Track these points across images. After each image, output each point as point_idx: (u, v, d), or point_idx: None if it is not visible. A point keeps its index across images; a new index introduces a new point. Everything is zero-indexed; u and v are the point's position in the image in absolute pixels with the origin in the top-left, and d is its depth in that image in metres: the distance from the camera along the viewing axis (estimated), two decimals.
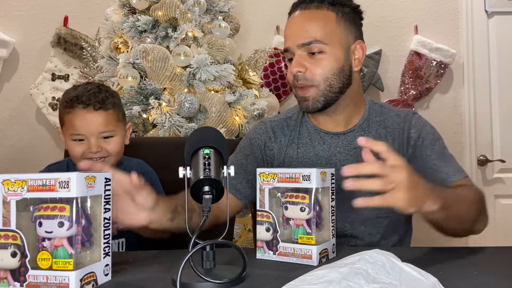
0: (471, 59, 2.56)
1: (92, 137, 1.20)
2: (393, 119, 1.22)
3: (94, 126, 1.20)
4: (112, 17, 2.04)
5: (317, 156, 1.20)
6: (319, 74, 1.12)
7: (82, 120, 1.19)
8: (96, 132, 1.20)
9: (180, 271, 0.69)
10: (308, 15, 1.14)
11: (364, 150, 0.83)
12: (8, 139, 2.48)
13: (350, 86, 1.17)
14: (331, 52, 1.12)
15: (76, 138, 1.20)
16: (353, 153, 1.18)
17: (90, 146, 1.20)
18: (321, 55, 1.12)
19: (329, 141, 1.20)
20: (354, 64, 1.17)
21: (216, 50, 2.01)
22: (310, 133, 1.23)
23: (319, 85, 1.13)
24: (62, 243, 0.72)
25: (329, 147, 1.20)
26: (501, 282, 0.78)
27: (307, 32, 1.12)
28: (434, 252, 1.03)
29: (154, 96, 1.89)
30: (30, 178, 0.73)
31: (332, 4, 1.15)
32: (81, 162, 1.10)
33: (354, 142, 1.18)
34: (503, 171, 2.54)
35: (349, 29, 1.16)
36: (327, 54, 1.12)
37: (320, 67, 1.12)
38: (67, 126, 1.21)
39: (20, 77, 2.49)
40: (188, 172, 0.83)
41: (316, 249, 0.89)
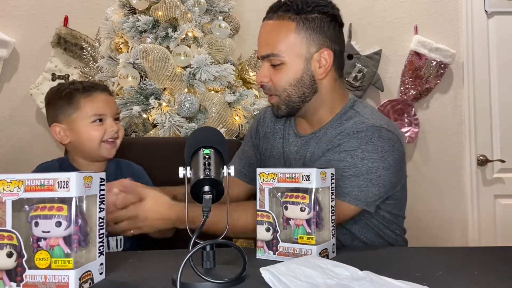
0: (471, 59, 2.56)
1: (110, 118, 1.28)
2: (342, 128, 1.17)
3: (113, 106, 1.30)
4: (112, 17, 2.04)
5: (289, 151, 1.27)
6: (278, 85, 1.17)
7: (103, 102, 1.27)
8: (114, 113, 1.30)
9: (180, 271, 0.69)
10: (269, 27, 1.17)
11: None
12: (8, 139, 2.48)
13: (316, 93, 1.18)
14: (289, 64, 1.15)
15: (96, 118, 1.25)
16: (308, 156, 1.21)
17: (111, 125, 1.27)
18: (281, 66, 1.15)
19: (295, 141, 1.26)
20: (318, 72, 1.16)
21: (216, 50, 2.01)
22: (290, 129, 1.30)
23: (280, 95, 1.18)
24: (58, 243, 0.72)
25: (294, 145, 1.26)
26: (501, 282, 0.78)
27: (266, 45, 1.16)
28: (434, 252, 1.03)
29: (154, 96, 1.89)
30: (27, 178, 0.73)
31: (296, 13, 1.14)
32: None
33: (307, 145, 1.22)
34: (503, 171, 2.54)
35: (311, 39, 1.14)
36: (286, 65, 1.15)
37: (279, 78, 1.16)
38: (87, 109, 1.25)
39: (20, 77, 2.49)
40: (188, 172, 0.83)
41: (316, 249, 0.89)
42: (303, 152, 1.23)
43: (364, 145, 1.10)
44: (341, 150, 1.12)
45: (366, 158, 1.10)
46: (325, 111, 1.22)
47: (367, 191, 1.10)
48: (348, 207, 1.10)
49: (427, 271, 0.84)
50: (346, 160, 1.10)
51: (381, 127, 1.13)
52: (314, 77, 1.17)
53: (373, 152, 1.10)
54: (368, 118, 1.16)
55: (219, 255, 0.83)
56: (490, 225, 2.52)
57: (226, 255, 0.92)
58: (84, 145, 1.26)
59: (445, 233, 2.54)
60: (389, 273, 0.76)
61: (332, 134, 1.17)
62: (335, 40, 1.18)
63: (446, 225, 2.55)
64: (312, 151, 1.21)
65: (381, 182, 1.11)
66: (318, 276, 0.72)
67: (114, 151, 1.29)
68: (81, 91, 1.26)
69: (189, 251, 0.71)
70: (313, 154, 1.20)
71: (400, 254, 1.01)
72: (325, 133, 1.20)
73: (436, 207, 2.51)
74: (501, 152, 2.54)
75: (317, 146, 1.20)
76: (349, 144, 1.12)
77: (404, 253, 1.02)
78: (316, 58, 1.16)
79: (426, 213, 2.47)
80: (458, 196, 2.55)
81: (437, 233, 2.52)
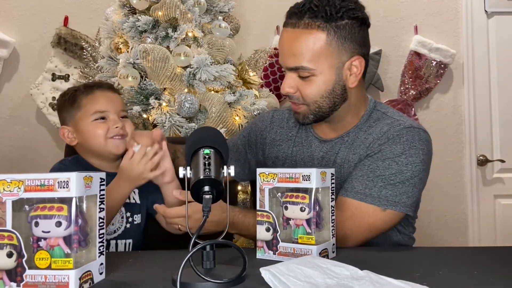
0: (471, 59, 2.56)
1: (115, 114, 1.24)
2: (376, 134, 1.15)
3: (117, 104, 1.27)
4: (112, 17, 2.04)
5: (310, 157, 1.23)
6: (308, 97, 1.11)
7: (105, 98, 1.25)
8: (118, 110, 1.26)
9: (180, 271, 0.69)
10: (296, 36, 1.08)
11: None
12: (8, 139, 2.48)
13: (345, 101, 1.15)
14: (320, 76, 1.09)
15: (99, 116, 1.23)
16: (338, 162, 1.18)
17: (115, 121, 1.23)
18: (310, 78, 1.09)
19: (317, 146, 1.23)
20: (350, 81, 1.12)
21: (216, 50, 2.01)
22: (308, 134, 1.25)
23: (309, 105, 1.13)
24: (58, 243, 0.72)
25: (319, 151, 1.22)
26: (501, 282, 0.78)
27: (294, 57, 1.08)
28: (434, 252, 1.03)
29: (154, 96, 1.89)
30: (27, 178, 0.73)
31: (325, 20, 1.06)
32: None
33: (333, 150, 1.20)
34: (503, 171, 2.54)
35: (342, 48, 1.09)
36: (316, 77, 1.09)
37: (309, 91, 1.11)
38: (88, 108, 1.23)
39: (20, 77, 2.49)
40: (188, 172, 0.83)
41: (316, 249, 0.89)
42: (330, 157, 1.20)
43: (407, 150, 1.10)
44: (384, 157, 1.10)
45: (410, 163, 1.10)
46: (351, 115, 1.19)
47: (413, 196, 1.10)
48: (398, 215, 1.10)
49: (427, 271, 0.84)
50: (392, 167, 1.09)
51: (418, 128, 1.14)
52: (345, 86, 1.12)
53: (416, 156, 1.10)
54: (399, 119, 1.16)
55: (219, 255, 0.83)
56: (490, 225, 2.52)
57: (226, 255, 0.92)
58: (91, 144, 1.23)
59: (445, 233, 2.54)
60: (389, 273, 0.76)
61: (369, 139, 1.15)
62: (363, 44, 1.14)
63: (446, 225, 2.55)
64: (344, 156, 1.17)
65: (422, 184, 1.14)
66: (318, 276, 0.72)
67: (122, 147, 1.23)
68: (82, 91, 1.26)
69: (189, 251, 0.71)
70: (346, 159, 1.17)
71: (400, 254, 1.01)
72: (356, 137, 1.17)
73: (436, 207, 2.51)
74: (501, 152, 2.54)
75: (350, 150, 1.17)
76: (392, 150, 1.10)
77: (404, 253, 1.02)
78: (347, 67, 1.11)
79: (426, 213, 2.47)
80: (458, 196, 2.55)
81: (437, 233, 2.52)
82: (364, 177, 1.10)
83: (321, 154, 1.21)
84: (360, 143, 1.16)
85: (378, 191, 1.08)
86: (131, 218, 1.25)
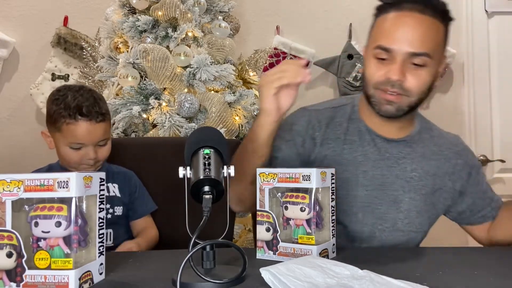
0: (471, 59, 2.56)
1: (90, 146, 1.27)
2: (444, 139, 1.24)
3: (95, 136, 1.27)
4: (112, 17, 2.04)
5: (365, 156, 1.16)
6: (416, 87, 1.07)
7: (85, 132, 1.24)
8: (96, 141, 1.27)
9: (180, 271, 0.69)
10: (425, 23, 1.06)
11: None
12: (8, 139, 2.47)
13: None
14: (432, 67, 1.07)
15: (75, 146, 1.26)
16: (402, 162, 1.16)
17: (88, 153, 1.26)
18: (422, 67, 1.06)
19: (380, 145, 1.17)
20: (438, 80, 1.14)
21: (216, 50, 2.01)
22: (361, 132, 1.18)
23: (412, 96, 1.08)
24: (58, 243, 0.72)
25: (379, 151, 1.16)
26: (501, 282, 0.78)
27: (421, 42, 1.05)
28: (434, 252, 1.03)
29: (154, 96, 1.89)
30: (27, 178, 0.73)
31: (443, 14, 1.09)
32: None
33: (403, 151, 1.17)
34: (503, 171, 2.54)
35: (446, 42, 1.12)
36: (428, 68, 1.06)
37: (419, 80, 1.07)
38: (66, 135, 1.25)
39: (20, 77, 2.49)
40: (188, 172, 0.83)
41: (316, 249, 0.89)
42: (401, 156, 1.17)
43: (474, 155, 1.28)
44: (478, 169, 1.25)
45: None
46: (413, 117, 1.20)
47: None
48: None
49: (427, 271, 0.84)
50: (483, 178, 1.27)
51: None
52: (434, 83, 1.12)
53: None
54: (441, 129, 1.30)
55: (219, 255, 0.83)
56: None
57: (226, 255, 0.92)
58: (63, 160, 1.31)
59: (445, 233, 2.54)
60: (389, 273, 0.76)
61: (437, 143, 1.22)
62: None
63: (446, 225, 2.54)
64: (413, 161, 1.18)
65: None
66: (318, 276, 0.72)
67: (92, 170, 1.30)
68: (65, 116, 1.23)
69: (189, 251, 0.71)
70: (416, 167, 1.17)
71: (400, 254, 1.01)
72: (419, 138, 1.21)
73: None
74: (501, 152, 2.54)
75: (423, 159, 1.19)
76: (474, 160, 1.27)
77: (404, 253, 1.02)
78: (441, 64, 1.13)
79: None
80: None
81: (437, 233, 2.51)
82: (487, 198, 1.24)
83: (387, 155, 1.17)
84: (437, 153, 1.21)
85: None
86: (112, 210, 1.32)
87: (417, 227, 1.16)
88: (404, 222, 1.15)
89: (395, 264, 0.91)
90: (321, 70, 2.61)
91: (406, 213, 1.15)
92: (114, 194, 1.36)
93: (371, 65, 1.09)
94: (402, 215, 1.15)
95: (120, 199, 1.37)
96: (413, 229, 1.16)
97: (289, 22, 2.61)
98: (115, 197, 1.36)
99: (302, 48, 2.56)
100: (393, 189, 1.14)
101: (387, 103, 1.09)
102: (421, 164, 1.17)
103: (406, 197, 1.15)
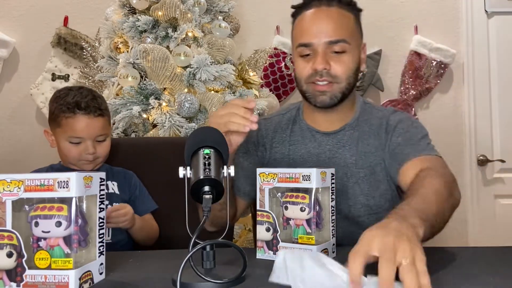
0: (471, 59, 2.56)
1: (90, 140, 1.30)
2: (376, 116, 1.25)
3: (94, 130, 1.30)
4: (112, 17, 2.04)
5: (309, 153, 1.23)
6: (342, 72, 1.15)
7: (83, 125, 1.28)
8: (94, 136, 1.31)
9: (180, 271, 0.69)
10: (334, 14, 1.16)
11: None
12: (8, 139, 2.48)
13: (354, 86, 1.21)
14: (352, 52, 1.16)
15: (74, 141, 1.29)
16: (341, 151, 1.22)
17: (87, 148, 1.30)
18: (343, 54, 1.15)
19: (320, 139, 1.24)
20: (362, 65, 1.22)
21: (216, 50, 2.01)
22: (303, 131, 1.26)
23: (341, 82, 1.16)
24: (58, 243, 0.72)
25: (319, 145, 1.23)
26: (501, 282, 0.78)
27: (336, 31, 1.14)
28: (434, 252, 1.03)
29: (154, 96, 1.89)
30: (27, 178, 0.73)
31: (348, 5, 1.19)
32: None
33: (342, 140, 1.22)
34: (503, 171, 2.54)
35: (360, 30, 1.21)
36: (348, 53, 1.15)
37: (343, 65, 1.15)
38: (66, 129, 1.29)
39: (20, 77, 2.49)
40: (188, 172, 0.83)
41: (316, 249, 0.89)
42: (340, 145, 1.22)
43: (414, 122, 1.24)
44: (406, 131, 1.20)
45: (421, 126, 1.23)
46: (350, 105, 1.25)
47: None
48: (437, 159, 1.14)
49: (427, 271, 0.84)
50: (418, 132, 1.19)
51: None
52: (359, 69, 1.21)
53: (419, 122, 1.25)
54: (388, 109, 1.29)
55: (219, 255, 0.83)
56: (490, 225, 2.52)
57: (226, 255, 0.92)
58: (64, 156, 1.34)
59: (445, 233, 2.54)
60: None
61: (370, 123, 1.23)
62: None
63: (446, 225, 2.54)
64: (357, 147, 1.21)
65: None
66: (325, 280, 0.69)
67: (92, 167, 1.34)
68: (64, 110, 1.28)
69: (189, 251, 0.71)
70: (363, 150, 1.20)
71: None
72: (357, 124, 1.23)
73: None
74: (501, 152, 2.54)
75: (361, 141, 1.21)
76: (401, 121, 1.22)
77: None
78: (362, 50, 1.22)
79: None
80: None
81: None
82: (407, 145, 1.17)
83: (328, 147, 1.23)
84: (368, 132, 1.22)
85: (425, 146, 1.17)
86: (110, 206, 1.32)
87: (372, 209, 1.19)
88: (357, 208, 1.19)
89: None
90: None
91: (353, 199, 1.19)
92: (113, 191, 1.38)
93: (298, 64, 1.19)
94: (351, 201, 1.19)
95: (119, 196, 1.38)
96: (369, 211, 1.19)
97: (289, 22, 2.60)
98: (114, 194, 1.38)
99: None
100: (338, 178, 1.16)
101: (321, 93, 1.17)
102: (357, 148, 1.21)
103: (350, 183, 1.19)
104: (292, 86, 2.55)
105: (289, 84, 2.54)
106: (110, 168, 1.41)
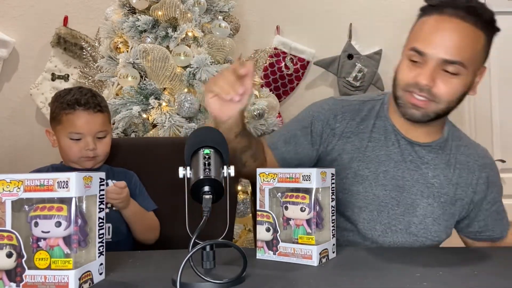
0: None
1: (89, 136, 1.30)
2: (472, 150, 1.19)
3: (94, 126, 1.31)
4: (112, 17, 2.04)
5: (388, 156, 1.14)
6: (446, 94, 1.04)
7: (83, 121, 1.29)
8: (95, 132, 1.31)
9: (180, 271, 0.69)
10: (463, 30, 1.03)
11: None
12: (8, 139, 2.48)
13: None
14: (465, 76, 1.04)
15: (74, 137, 1.30)
16: (424, 167, 1.14)
17: (88, 144, 1.30)
18: (455, 76, 1.03)
19: (404, 147, 1.15)
20: (474, 89, 1.10)
21: (216, 50, 2.01)
22: (387, 131, 1.16)
23: (440, 103, 1.06)
24: (57, 243, 0.72)
25: (401, 153, 1.15)
26: (501, 282, 0.78)
27: (457, 50, 1.02)
28: (434, 252, 1.03)
29: (154, 96, 1.89)
30: (26, 178, 0.73)
31: (486, 24, 1.06)
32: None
33: (427, 156, 1.15)
34: (503, 171, 2.52)
35: (486, 54, 1.09)
36: (461, 77, 1.03)
37: (449, 88, 1.04)
38: (66, 125, 1.30)
39: (20, 77, 2.49)
40: (188, 172, 0.82)
41: (316, 249, 0.89)
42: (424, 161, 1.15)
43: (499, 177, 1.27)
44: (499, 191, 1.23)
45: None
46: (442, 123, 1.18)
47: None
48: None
49: (427, 271, 0.84)
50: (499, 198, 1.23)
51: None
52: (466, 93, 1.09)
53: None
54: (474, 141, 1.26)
55: (219, 255, 0.83)
56: None
57: (226, 255, 0.92)
58: (65, 154, 1.34)
59: None
60: (389, 273, 0.75)
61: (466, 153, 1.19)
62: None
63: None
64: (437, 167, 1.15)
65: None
66: None
67: (93, 165, 1.34)
68: (64, 107, 1.29)
69: (189, 251, 0.71)
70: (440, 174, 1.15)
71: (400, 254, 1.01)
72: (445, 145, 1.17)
73: None
74: (501, 152, 2.54)
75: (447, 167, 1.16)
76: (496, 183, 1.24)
77: (404, 253, 1.02)
78: (478, 74, 1.09)
79: None
80: None
81: None
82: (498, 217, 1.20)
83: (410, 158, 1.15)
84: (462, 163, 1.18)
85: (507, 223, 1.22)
86: (110, 204, 1.31)
87: (432, 235, 1.13)
88: (419, 227, 1.12)
89: (395, 264, 0.91)
90: (321, 70, 2.61)
91: (421, 218, 1.12)
92: None
93: (403, 66, 1.08)
94: (417, 220, 1.12)
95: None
96: (428, 235, 1.13)
97: (289, 22, 2.61)
98: None
99: (302, 48, 2.56)
100: (412, 193, 1.12)
101: (413, 107, 1.07)
102: (444, 172, 1.14)
103: (424, 202, 1.12)
104: (292, 86, 2.55)
105: (289, 84, 2.54)
106: (110, 168, 1.41)
